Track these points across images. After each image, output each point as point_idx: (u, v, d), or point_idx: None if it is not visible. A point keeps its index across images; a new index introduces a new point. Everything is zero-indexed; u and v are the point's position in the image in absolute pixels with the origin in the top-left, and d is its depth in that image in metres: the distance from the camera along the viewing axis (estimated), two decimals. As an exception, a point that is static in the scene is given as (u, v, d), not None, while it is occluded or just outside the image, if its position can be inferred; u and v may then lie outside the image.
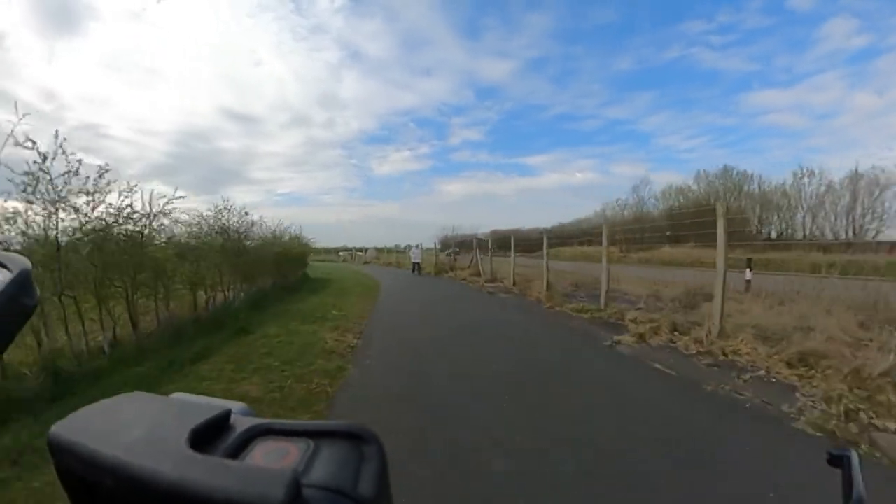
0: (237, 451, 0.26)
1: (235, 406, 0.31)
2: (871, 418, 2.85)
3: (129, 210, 5.73)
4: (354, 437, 0.27)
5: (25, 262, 0.34)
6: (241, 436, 0.27)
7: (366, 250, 34.03)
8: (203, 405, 0.29)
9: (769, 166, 68.43)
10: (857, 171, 24.94)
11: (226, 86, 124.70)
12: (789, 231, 28.13)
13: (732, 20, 67.27)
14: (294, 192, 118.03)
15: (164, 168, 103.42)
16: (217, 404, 0.30)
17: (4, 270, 0.33)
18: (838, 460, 0.46)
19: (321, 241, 23.97)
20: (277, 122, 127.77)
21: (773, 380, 3.78)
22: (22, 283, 0.33)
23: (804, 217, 26.92)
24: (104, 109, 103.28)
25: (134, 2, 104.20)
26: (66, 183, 4.84)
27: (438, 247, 30.38)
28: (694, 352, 4.67)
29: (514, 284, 11.60)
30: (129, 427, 0.26)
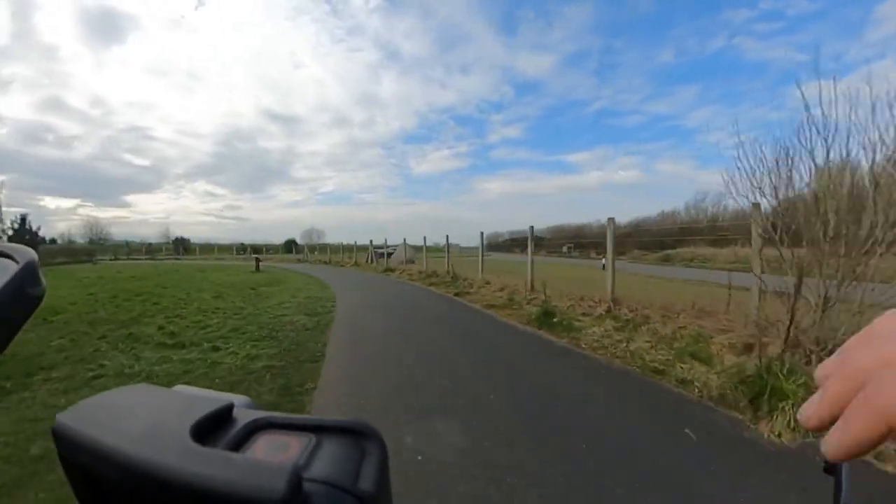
0: (239, 444, 0.27)
1: (238, 399, 0.31)
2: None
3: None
4: (356, 433, 0.28)
5: (31, 253, 0.35)
6: (243, 429, 0.28)
7: (385, 253, 25.64)
8: (206, 398, 0.30)
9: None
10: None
11: (267, 88, 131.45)
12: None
13: (777, 5, 64.05)
14: (336, 190, 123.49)
15: (208, 167, 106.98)
16: (220, 397, 0.30)
17: (11, 261, 0.34)
18: (832, 468, 0.47)
19: (361, 238, 22.31)
20: (318, 123, 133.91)
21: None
22: (29, 273, 0.34)
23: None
24: (149, 113, 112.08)
25: (172, 10, 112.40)
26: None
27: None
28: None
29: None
30: (133, 419, 0.27)
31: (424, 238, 17.24)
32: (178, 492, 0.22)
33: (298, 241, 64.03)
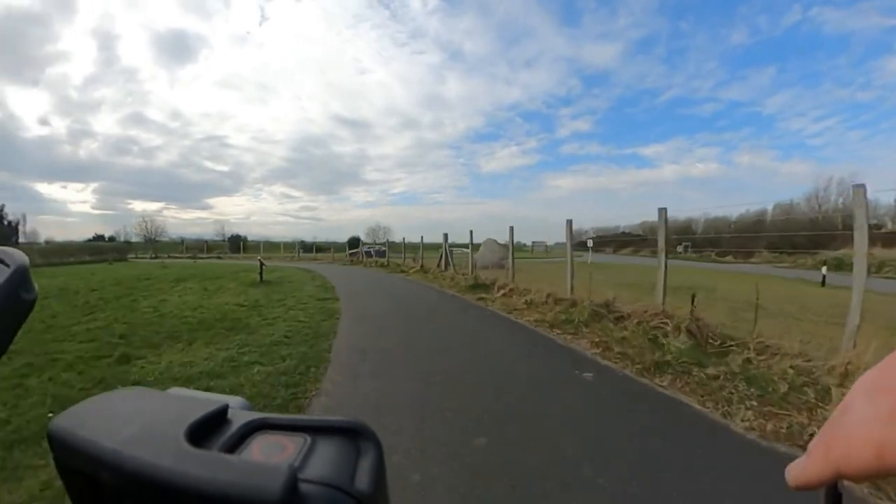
0: (234, 445, 0.27)
1: (233, 400, 0.32)
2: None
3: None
4: (351, 433, 0.28)
5: (22, 257, 0.35)
6: (238, 430, 0.28)
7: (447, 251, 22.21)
8: (201, 400, 0.30)
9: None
10: None
11: (335, 94, 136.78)
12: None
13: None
14: (406, 191, 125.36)
15: (284, 171, 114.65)
16: (215, 399, 0.31)
17: (2, 266, 0.34)
18: (834, 497, 0.42)
19: (431, 236, 19.63)
20: (387, 126, 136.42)
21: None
22: (20, 277, 0.34)
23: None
24: (225, 123, 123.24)
25: (238, 27, 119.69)
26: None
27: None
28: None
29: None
30: (128, 421, 0.27)
31: (511, 230, 11.70)
32: (174, 494, 0.22)
33: (363, 238, 62.85)
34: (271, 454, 0.26)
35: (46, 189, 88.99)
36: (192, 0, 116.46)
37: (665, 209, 5.89)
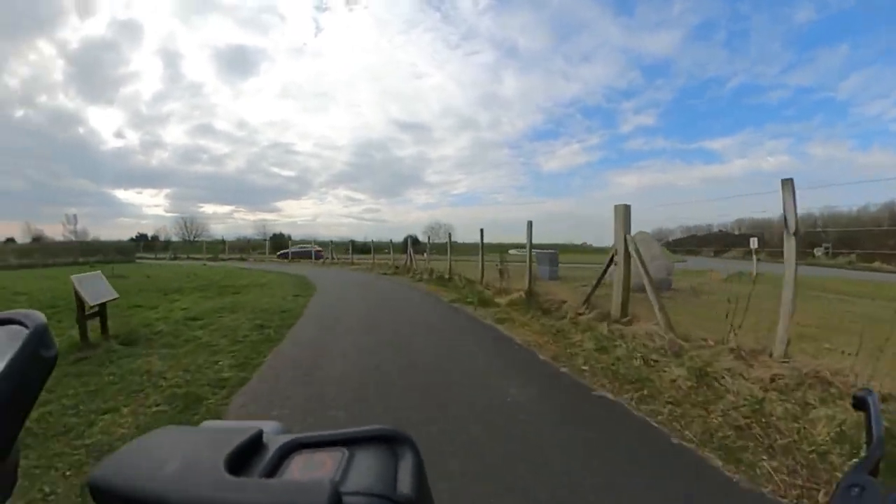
0: (274, 468, 0.28)
1: (266, 425, 0.32)
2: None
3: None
4: (386, 440, 0.29)
5: (40, 317, 0.37)
6: (275, 454, 0.28)
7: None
8: (234, 429, 0.31)
9: None
10: None
11: (393, 99, 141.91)
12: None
13: None
14: (467, 192, 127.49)
15: (347, 175, 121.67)
16: (248, 426, 0.31)
17: (20, 327, 0.35)
18: (862, 402, 0.50)
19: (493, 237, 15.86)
20: (445, 128, 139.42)
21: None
22: (40, 336, 0.35)
23: None
24: (289, 130, 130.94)
25: (294, 40, 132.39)
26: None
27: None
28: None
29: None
30: (166, 461, 0.27)
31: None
32: None
33: (420, 237, 59.70)
34: (311, 472, 0.27)
35: (123, 195, 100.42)
36: (249, 17, 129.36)
37: (791, 180, 3.89)
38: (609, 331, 5.82)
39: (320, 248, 32.87)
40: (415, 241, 55.30)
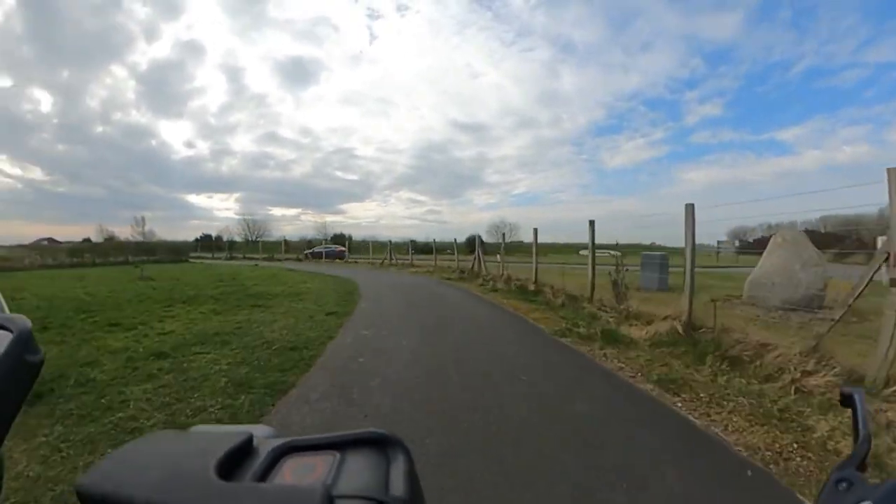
0: (265, 473, 0.27)
1: (257, 429, 0.32)
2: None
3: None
4: (377, 442, 0.29)
5: (25, 321, 0.36)
6: (266, 458, 0.28)
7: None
8: (224, 433, 0.31)
9: None
10: None
11: (451, 101, 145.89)
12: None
13: None
14: (528, 192, 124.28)
15: (409, 178, 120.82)
16: (238, 430, 0.31)
17: (5, 332, 0.35)
18: (848, 399, 0.51)
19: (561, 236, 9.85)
20: (504, 127, 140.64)
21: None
22: (24, 341, 0.35)
23: None
24: (351, 136, 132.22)
25: (350, 48, 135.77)
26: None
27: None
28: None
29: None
30: (155, 467, 0.27)
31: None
32: None
33: (485, 237, 55.91)
34: (303, 476, 0.27)
35: (195, 199, 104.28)
36: (304, 30, 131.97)
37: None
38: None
39: (343, 248, 35.88)
40: (480, 240, 52.42)
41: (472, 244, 22.36)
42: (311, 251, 36.64)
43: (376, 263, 25.90)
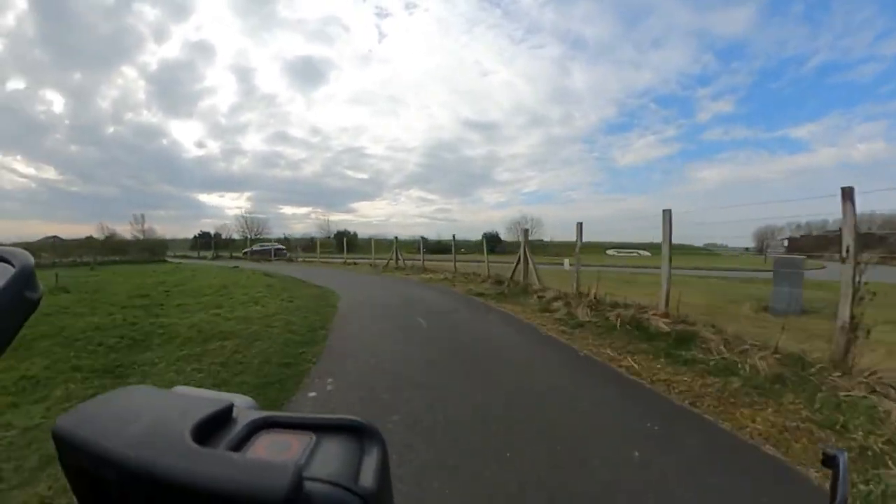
0: (240, 444, 0.27)
1: (238, 399, 0.32)
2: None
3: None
4: (355, 431, 0.29)
5: (27, 256, 0.36)
6: (243, 429, 0.28)
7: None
8: (206, 398, 0.31)
9: None
10: None
11: (461, 99, 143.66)
12: None
13: None
14: (539, 190, 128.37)
15: (419, 177, 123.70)
16: (220, 397, 0.31)
17: (7, 265, 0.35)
18: (831, 460, 0.50)
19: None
20: (515, 126, 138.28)
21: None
22: (26, 276, 0.35)
23: None
24: (361, 135, 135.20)
25: (359, 48, 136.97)
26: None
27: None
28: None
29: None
30: (133, 420, 0.27)
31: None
32: (179, 493, 0.22)
33: (503, 235, 51.11)
34: (276, 453, 0.27)
35: (206, 198, 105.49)
36: (314, 30, 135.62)
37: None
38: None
39: (282, 247, 34.32)
40: (496, 238, 48.65)
41: (491, 242, 18.72)
42: (250, 250, 35.41)
43: (379, 266, 20.76)
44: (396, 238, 20.97)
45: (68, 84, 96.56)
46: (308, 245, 35.93)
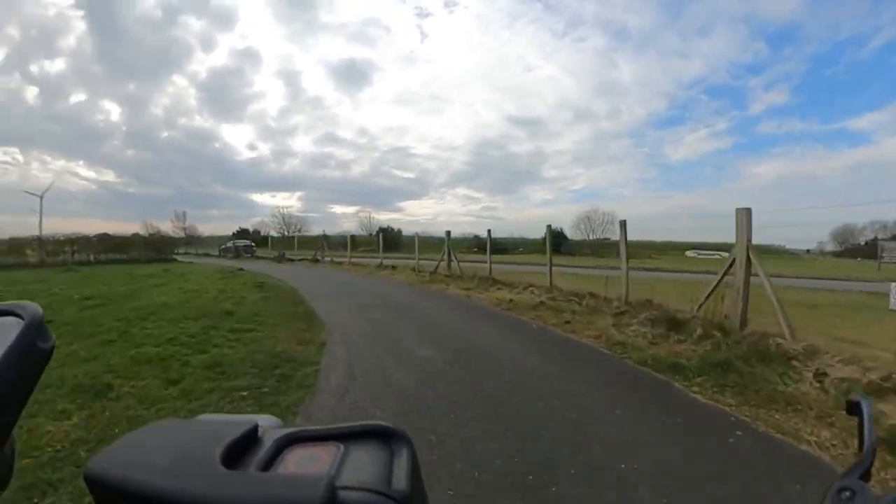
0: (269, 462, 0.28)
1: (262, 419, 0.32)
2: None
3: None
4: (382, 435, 0.29)
5: (36, 308, 0.37)
6: (271, 447, 0.28)
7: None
8: (230, 422, 0.31)
9: None
10: None
11: (506, 96, 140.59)
12: None
13: None
14: (587, 187, 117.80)
15: (465, 175, 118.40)
16: (244, 420, 0.31)
17: (17, 319, 0.36)
18: (855, 407, 0.49)
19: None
20: (561, 121, 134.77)
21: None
22: (36, 327, 0.35)
23: None
24: (407, 135, 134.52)
25: (401, 48, 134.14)
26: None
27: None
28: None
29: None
30: (161, 453, 0.27)
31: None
32: None
33: (568, 233, 43.97)
34: (307, 466, 0.27)
35: (259, 198, 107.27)
36: (356, 32, 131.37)
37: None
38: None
39: (252, 244, 34.95)
40: (561, 236, 41.20)
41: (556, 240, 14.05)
42: (224, 246, 35.42)
43: (424, 271, 14.32)
44: (448, 234, 13.93)
45: (123, 94, 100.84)
46: (341, 243, 30.60)
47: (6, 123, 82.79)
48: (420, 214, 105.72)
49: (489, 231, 13.75)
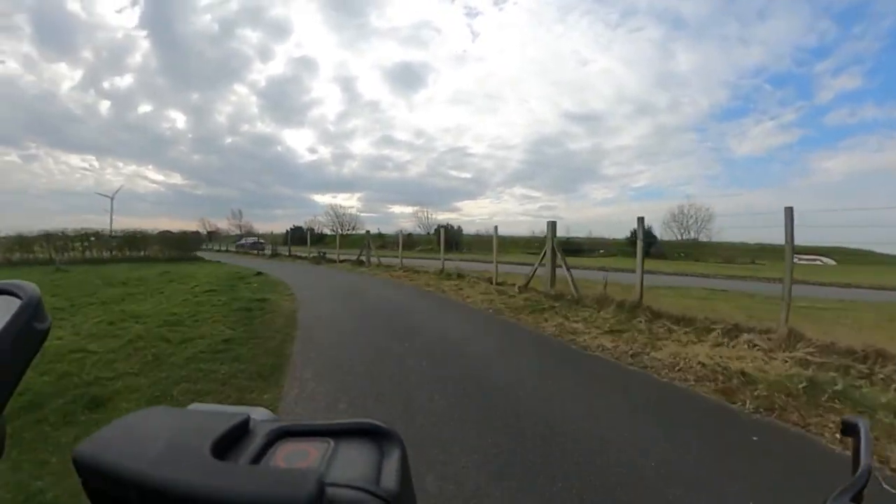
0: (259, 455, 0.28)
1: (254, 411, 0.32)
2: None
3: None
4: (373, 434, 0.29)
5: (34, 288, 0.36)
6: (261, 440, 0.29)
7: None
8: (222, 413, 0.31)
9: None
10: None
11: (561, 91, 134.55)
12: None
13: None
14: (649, 184, 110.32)
15: (522, 174, 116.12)
16: (236, 411, 0.31)
17: (15, 298, 0.35)
18: (852, 428, 0.48)
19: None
20: (620, 115, 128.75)
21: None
22: (34, 308, 0.35)
23: None
24: (463, 135, 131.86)
25: (454, 48, 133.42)
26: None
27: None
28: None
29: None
30: (152, 441, 0.27)
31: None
32: None
33: (658, 232, 38.58)
34: (296, 461, 0.27)
35: (320, 198, 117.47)
36: (408, 35, 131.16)
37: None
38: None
39: (261, 240, 35.32)
40: (650, 235, 35.15)
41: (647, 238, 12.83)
42: (239, 243, 36.35)
43: (508, 287, 9.22)
44: (553, 225, 8.75)
45: (188, 104, 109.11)
46: (396, 241, 26.17)
47: (84, 134, 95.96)
48: (476, 214, 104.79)
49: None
